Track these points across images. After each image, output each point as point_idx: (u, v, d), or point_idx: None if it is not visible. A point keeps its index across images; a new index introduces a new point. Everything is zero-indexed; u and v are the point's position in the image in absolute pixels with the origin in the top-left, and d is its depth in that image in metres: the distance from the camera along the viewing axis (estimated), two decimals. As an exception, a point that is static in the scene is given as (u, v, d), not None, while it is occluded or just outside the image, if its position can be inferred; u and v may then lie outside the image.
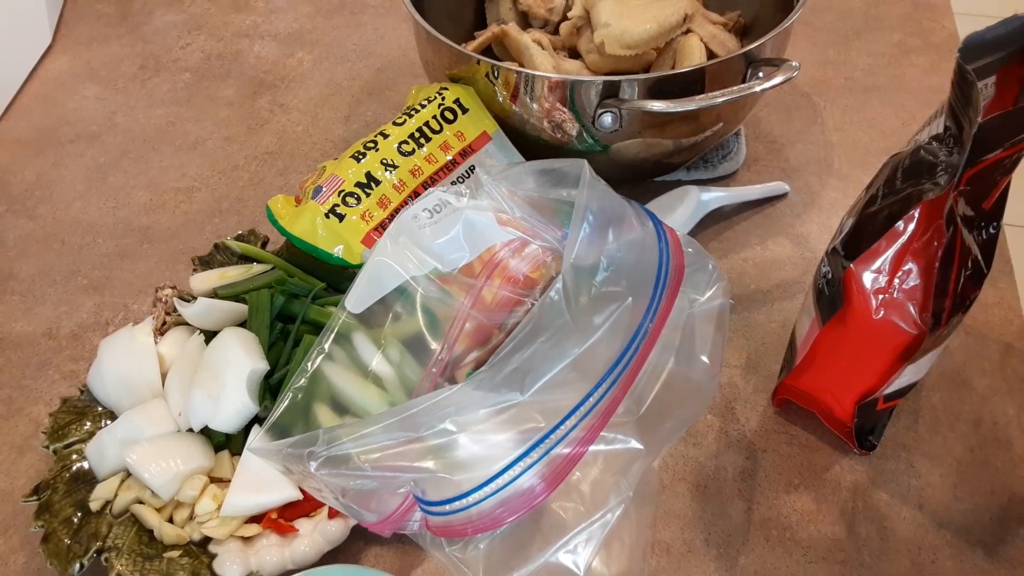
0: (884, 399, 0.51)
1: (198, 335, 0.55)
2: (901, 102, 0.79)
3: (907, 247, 0.50)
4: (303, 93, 0.85)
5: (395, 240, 0.49)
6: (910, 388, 0.53)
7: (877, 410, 0.52)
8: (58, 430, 0.53)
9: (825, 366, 0.52)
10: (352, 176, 0.59)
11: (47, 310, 0.66)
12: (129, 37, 0.94)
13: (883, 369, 0.50)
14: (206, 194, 0.75)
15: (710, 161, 0.72)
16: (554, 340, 0.38)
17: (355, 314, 0.48)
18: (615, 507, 0.43)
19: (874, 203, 0.47)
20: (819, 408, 0.54)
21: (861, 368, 0.51)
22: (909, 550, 0.49)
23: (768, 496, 0.52)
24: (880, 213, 0.47)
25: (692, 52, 0.67)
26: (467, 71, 0.64)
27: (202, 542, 0.49)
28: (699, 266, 0.47)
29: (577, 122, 0.61)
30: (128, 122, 0.83)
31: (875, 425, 0.53)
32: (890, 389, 0.50)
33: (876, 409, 0.52)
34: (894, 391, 0.51)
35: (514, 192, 0.50)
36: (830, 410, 0.53)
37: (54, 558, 0.47)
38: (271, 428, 0.46)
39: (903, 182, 0.46)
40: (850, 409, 0.51)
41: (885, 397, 0.51)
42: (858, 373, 0.51)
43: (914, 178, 0.45)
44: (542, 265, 0.49)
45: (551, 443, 0.38)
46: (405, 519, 0.43)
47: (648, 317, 0.41)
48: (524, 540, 0.43)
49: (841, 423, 0.53)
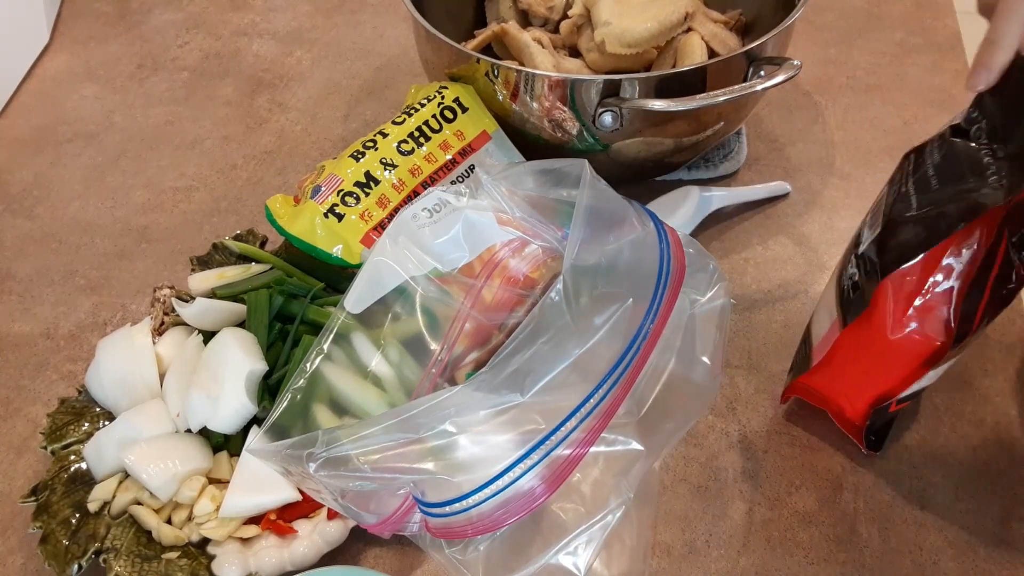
0: (897, 402, 0.50)
1: (196, 335, 0.55)
2: (903, 101, 0.78)
3: (943, 249, 0.46)
4: (302, 92, 0.84)
5: (394, 240, 0.49)
6: (923, 390, 0.52)
7: (889, 412, 0.51)
8: (56, 431, 0.53)
9: (844, 368, 0.50)
10: (351, 175, 0.59)
11: (45, 310, 0.66)
12: (127, 36, 0.93)
13: (905, 375, 0.48)
14: (204, 194, 0.75)
15: (711, 160, 0.72)
16: (555, 341, 0.38)
17: (354, 314, 0.48)
18: (616, 508, 0.42)
19: (907, 203, 0.44)
20: (830, 407, 0.53)
21: (881, 373, 0.49)
22: (911, 551, 0.49)
23: (769, 497, 0.52)
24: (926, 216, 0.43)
25: (693, 51, 0.67)
26: (467, 70, 0.64)
27: (200, 543, 0.49)
28: (700, 266, 0.46)
29: (577, 121, 0.61)
30: (126, 121, 0.82)
31: (885, 425, 0.53)
32: (906, 393, 0.49)
33: (888, 411, 0.51)
34: (909, 395, 0.50)
35: (514, 192, 0.50)
36: (841, 410, 0.52)
37: (52, 559, 0.47)
38: (270, 429, 0.46)
39: (941, 181, 0.43)
40: (863, 411, 0.50)
41: (898, 400, 0.50)
42: (877, 377, 0.50)
43: (957, 178, 0.42)
44: (542, 265, 0.49)
45: (551, 444, 0.38)
46: (405, 520, 0.43)
47: (649, 318, 0.41)
48: (524, 541, 0.42)
49: (851, 423, 0.52)
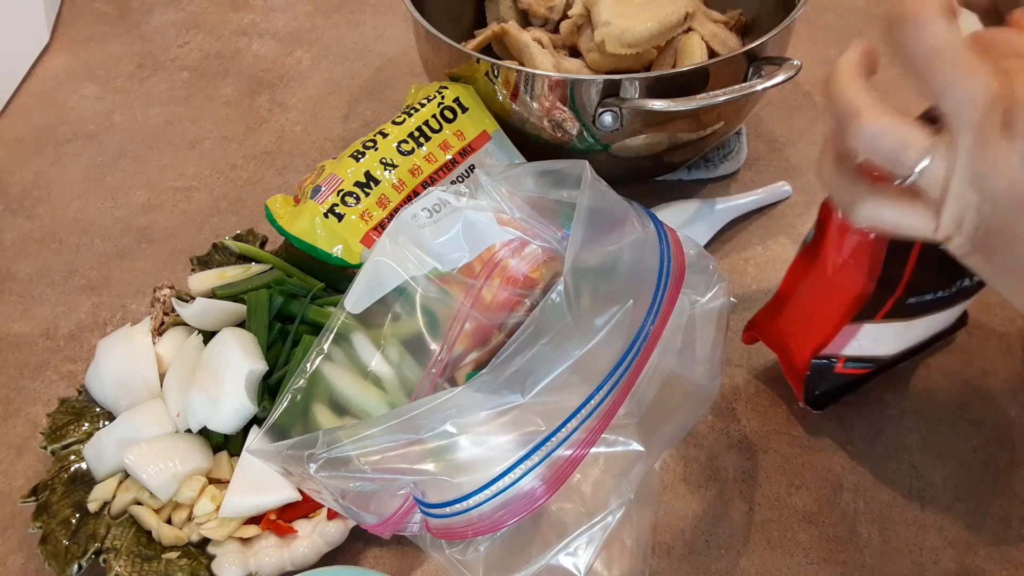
0: (845, 362, 0.48)
1: (196, 335, 0.55)
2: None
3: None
4: (302, 92, 0.84)
5: (394, 240, 0.49)
6: (880, 363, 0.50)
7: (835, 372, 0.50)
8: (56, 431, 0.53)
9: (794, 307, 0.49)
10: (351, 175, 0.59)
11: (45, 310, 0.66)
12: (127, 36, 0.93)
13: (836, 318, 0.46)
14: (204, 194, 0.74)
15: (711, 160, 0.72)
16: (556, 342, 0.37)
17: (354, 314, 0.48)
18: (616, 509, 0.42)
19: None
20: (783, 354, 0.52)
21: (822, 316, 0.47)
22: (911, 551, 0.49)
23: (769, 497, 0.52)
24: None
25: (693, 51, 0.67)
26: (467, 70, 0.64)
27: (200, 543, 0.49)
28: (700, 267, 0.46)
29: (577, 121, 0.61)
30: (126, 121, 0.82)
31: (832, 388, 0.51)
32: (848, 351, 0.47)
33: (833, 371, 0.49)
34: (855, 356, 0.48)
35: (514, 193, 0.50)
36: (790, 355, 0.51)
37: (52, 559, 0.47)
38: (270, 430, 0.46)
39: None
40: (807, 358, 0.49)
41: (847, 360, 0.48)
42: (819, 321, 0.48)
43: None
44: (542, 265, 0.49)
45: (552, 445, 0.38)
46: (405, 521, 0.43)
47: (649, 319, 0.41)
48: (524, 542, 0.42)
49: (797, 372, 0.51)
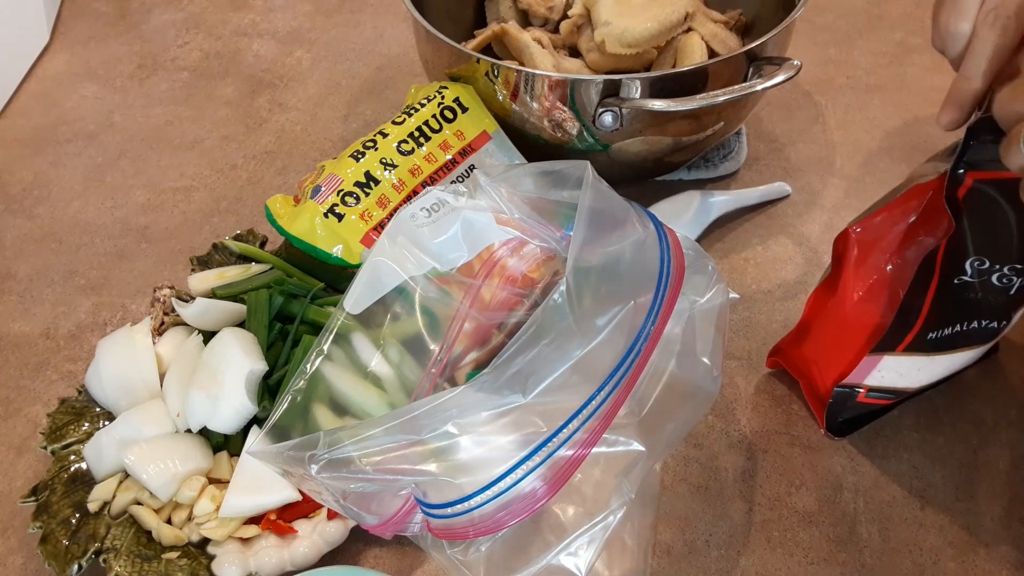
0: (868, 391, 0.49)
1: (196, 335, 0.55)
2: (903, 101, 0.78)
3: (916, 229, 0.46)
4: (302, 92, 0.84)
5: (393, 239, 0.49)
6: (903, 395, 0.51)
7: (858, 401, 0.50)
8: (56, 431, 0.53)
9: (815, 335, 0.50)
10: (351, 175, 0.59)
11: (45, 310, 0.66)
12: (127, 36, 0.93)
13: (856, 348, 0.47)
14: (204, 194, 0.74)
15: (711, 160, 0.72)
16: (557, 343, 0.37)
17: (354, 314, 0.48)
18: (617, 509, 0.42)
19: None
20: (804, 378, 0.52)
21: (843, 345, 0.48)
22: (911, 551, 0.49)
23: (769, 497, 0.52)
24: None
25: (693, 51, 0.67)
26: (467, 70, 0.64)
27: (200, 543, 0.49)
28: (699, 267, 0.46)
29: (577, 121, 0.61)
30: (126, 121, 0.82)
31: (854, 416, 0.52)
32: (870, 381, 0.48)
33: (856, 400, 0.50)
34: (877, 387, 0.48)
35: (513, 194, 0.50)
36: (813, 381, 0.51)
37: (52, 559, 0.47)
38: (270, 430, 0.46)
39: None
40: (830, 386, 0.50)
41: (868, 391, 0.49)
42: (841, 350, 0.49)
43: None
44: (541, 264, 0.48)
45: (554, 446, 0.38)
46: (406, 521, 0.42)
47: (650, 319, 0.41)
48: (525, 542, 0.42)
49: (820, 399, 0.51)
